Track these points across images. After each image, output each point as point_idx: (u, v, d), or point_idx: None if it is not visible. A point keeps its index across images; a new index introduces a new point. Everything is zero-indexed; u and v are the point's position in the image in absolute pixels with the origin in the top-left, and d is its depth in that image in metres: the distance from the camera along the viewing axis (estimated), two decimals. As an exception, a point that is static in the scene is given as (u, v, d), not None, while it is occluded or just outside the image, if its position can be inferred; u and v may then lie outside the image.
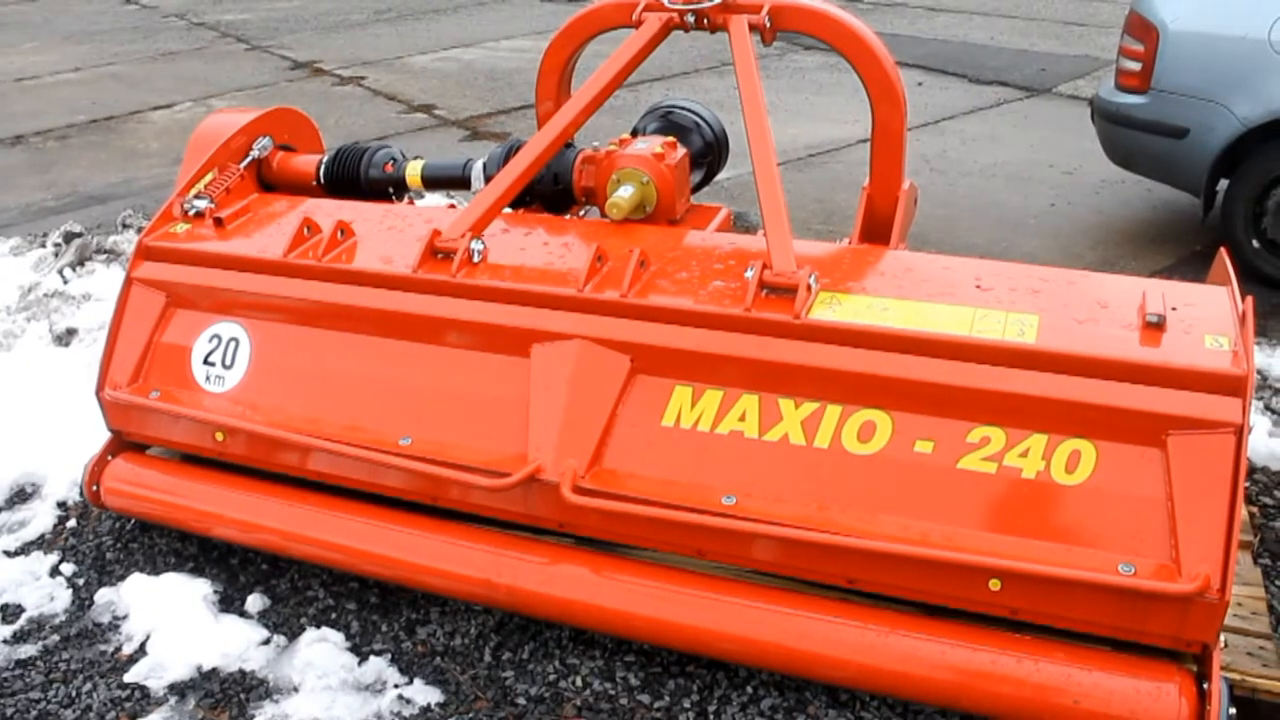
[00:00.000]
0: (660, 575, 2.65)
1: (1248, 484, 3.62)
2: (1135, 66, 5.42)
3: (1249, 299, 2.45)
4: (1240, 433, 2.25)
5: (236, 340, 3.05)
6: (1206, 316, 2.49)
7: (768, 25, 3.26)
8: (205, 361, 3.06)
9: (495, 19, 12.41)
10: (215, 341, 3.07)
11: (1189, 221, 5.91)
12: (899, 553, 2.36)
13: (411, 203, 3.72)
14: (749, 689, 2.76)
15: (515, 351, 2.79)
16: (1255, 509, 3.49)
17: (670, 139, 3.36)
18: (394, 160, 3.64)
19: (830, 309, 2.57)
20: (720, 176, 3.85)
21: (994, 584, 2.36)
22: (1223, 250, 2.81)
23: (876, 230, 3.44)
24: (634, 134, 3.57)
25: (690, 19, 3.29)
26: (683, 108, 3.67)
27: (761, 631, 2.52)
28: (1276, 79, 4.99)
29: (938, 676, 2.41)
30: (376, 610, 3.06)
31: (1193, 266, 5.41)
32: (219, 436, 3.00)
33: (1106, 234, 6.02)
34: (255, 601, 3.09)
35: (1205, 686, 2.30)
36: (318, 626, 3.01)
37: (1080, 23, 11.56)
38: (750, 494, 2.52)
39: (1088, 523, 2.34)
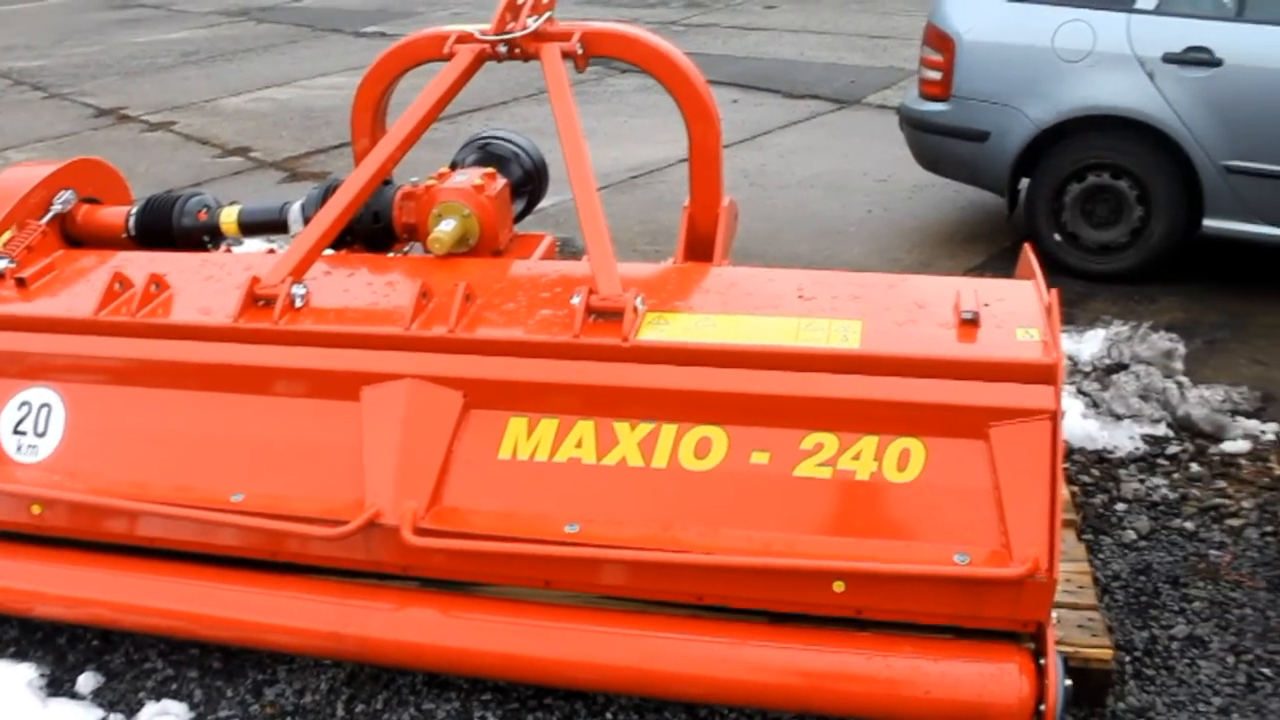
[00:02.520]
0: (509, 610, 2.62)
1: (1067, 465, 3.80)
2: (936, 76, 5.65)
3: (1054, 291, 2.57)
4: (1055, 418, 2.35)
5: (48, 406, 2.90)
6: (1016, 310, 2.59)
7: (580, 52, 3.28)
8: (15, 431, 2.90)
9: (309, 56, 12.19)
10: (25, 409, 2.92)
11: (997, 220, 6.18)
12: (743, 564, 2.39)
13: (229, 250, 3.61)
14: (608, 715, 2.75)
15: (345, 396, 2.72)
16: (1076, 488, 3.66)
17: (489, 170, 3.35)
18: (207, 207, 3.53)
19: (658, 329, 2.59)
20: (545, 203, 3.86)
21: (838, 586, 2.40)
22: (1027, 246, 2.93)
23: (700, 248, 3.49)
24: (453, 167, 3.55)
25: (503, 49, 3.28)
26: (500, 138, 3.66)
27: (614, 656, 2.52)
28: (1063, 83, 5.28)
29: (790, 682, 2.44)
30: (220, 675, 2.95)
31: (1004, 262, 5.65)
32: (36, 509, 2.84)
33: (922, 236, 6.24)
34: (87, 681, 2.94)
35: (1042, 663, 2.39)
36: (158, 699, 2.88)
37: (884, 35, 11.98)
38: (593, 520, 2.51)
39: (922, 517, 2.41)
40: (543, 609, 2.60)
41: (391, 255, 3.41)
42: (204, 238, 3.51)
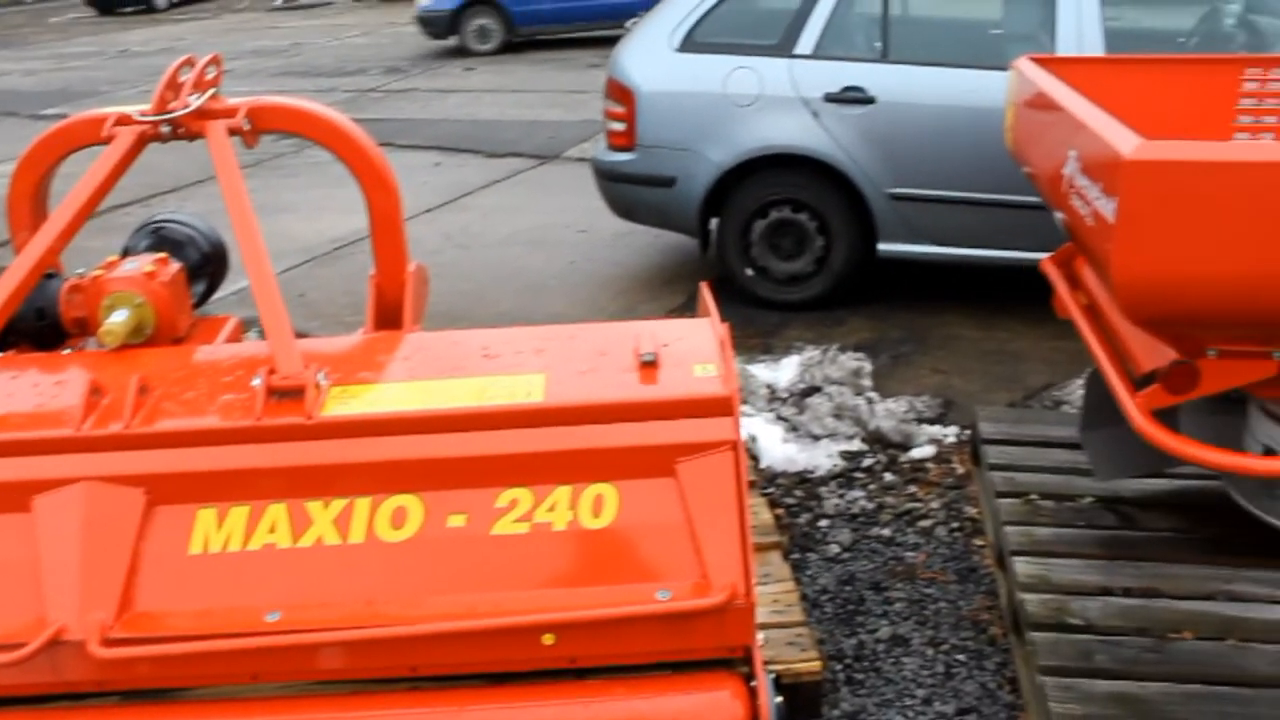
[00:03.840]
0: (217, 711, 2.49)
1: (771, 489, 3.97)
2: (620, 127, 5.85)
3: (725, 326, 2.68)
4: (736, 448, 2.44)
5: None
6: (694, 348, 2.69)
7: (247, 128, 3.20)
8: None
9: (-24, 145, 11.41)
10: None
11: (694, 260, 6.43)
12: (449, 630, 2.36)
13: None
14: (334, 804, 2.66)
15: (15, 509, 2.53)
16: (780, 510, 3.84)
17: (162, 255, 3.21)
18: None
19: (343, 403, 2.54)
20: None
21: (547, 638, 2.40)
22: (703, 285, 3.06)
23: (389, 316, 3.46)
24: (125, 254, 3.39)
25: (165, 129, 3.16)
26: (175, 221, 3.53)
27: (331, 741, 2.44)
28: (738, 127, 5.58)
29: (514, 742, 2.43)
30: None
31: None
32: None
33: (625, 283, 6.42)
34: None
35: (753, 684, 2.47)
36: None
37: (580, 90, 12.31)
38: (295, 605, 2.42)
39: (622, 560, 2.45)
40: (252, 704, 2.48)
41: (64, 353, 3.21)
42: None
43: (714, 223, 5.90)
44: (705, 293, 2.99)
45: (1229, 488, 3.24)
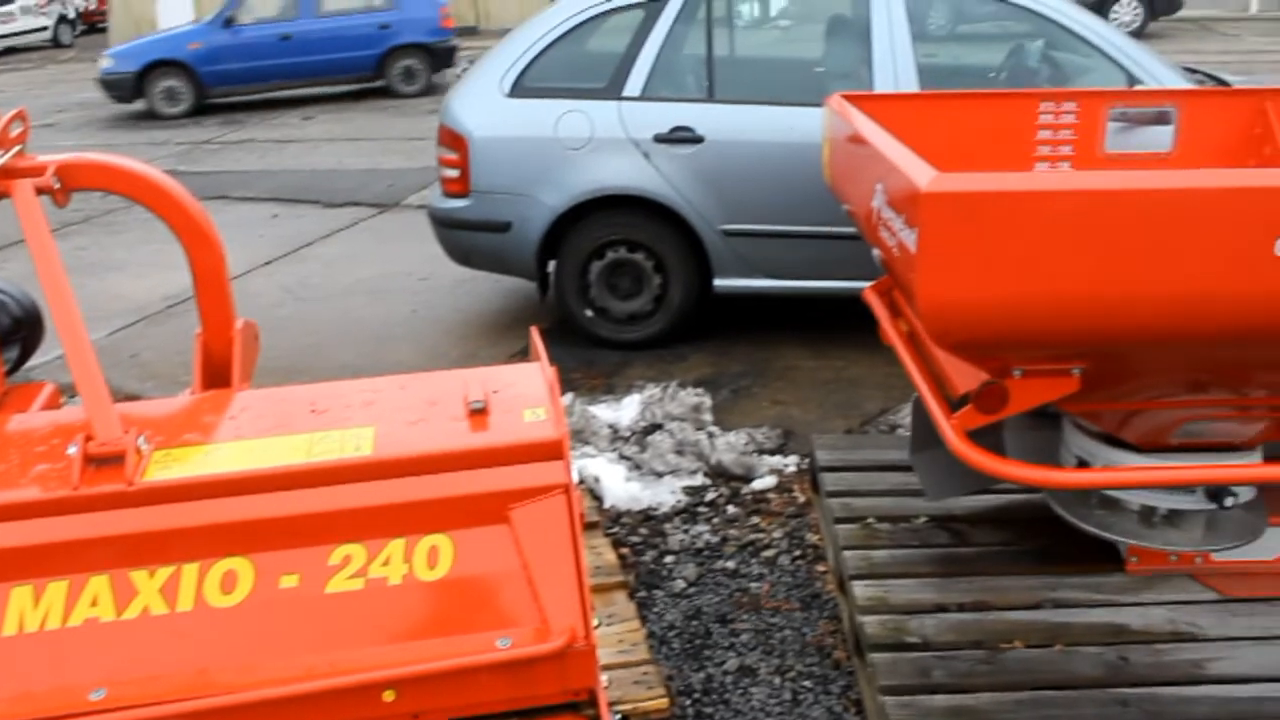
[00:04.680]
0: (41, 798, 2.38)
1: (615, 529, 4.00)
2: (454, 174, 5.85)
3: (553, 369, 2.71)
4: (569, 491, 2.46)
5: None
6: (524, 393, 2.71)
7: (56, 187, 3.10)
8: None
9: None
10: None
11: (535, 304, 6.45)
12: (287, 694, 2.31)
13: None
14: None
15: None
16: (625, 549, 3.86)
17: (-31, 323, 3.10)
18: None
19: (166, 468, 2.48)
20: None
21: (388, 695, 2.38)
22: (533, 330, 3.09)
23: (217, 375, 3.38)
24: (-71, 323, 3.25)
25: (-33, 191, 3.05)
26: (-17, 286, 3.40)
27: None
28: (571, 170, 5.64)
29: (358, 802, 2.39)
30: None
31: (545, 343, 5.87)
32: None
33: (466, 329, 6.40)
34: None
35: (600, 726, 2.48)
36: None
37: (420, 137, 12.25)
38: (121, 681, 2.34)
39: (461, 610, 2.44)
40: (80, 787, 2.39)
41: None
42: None
43: (552, 265, 5.93)
44: (535, 337, 3.01)
45: (1049, 500, 3.39)
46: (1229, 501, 3.06)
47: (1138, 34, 20.21)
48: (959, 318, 2.45)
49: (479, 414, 2.59)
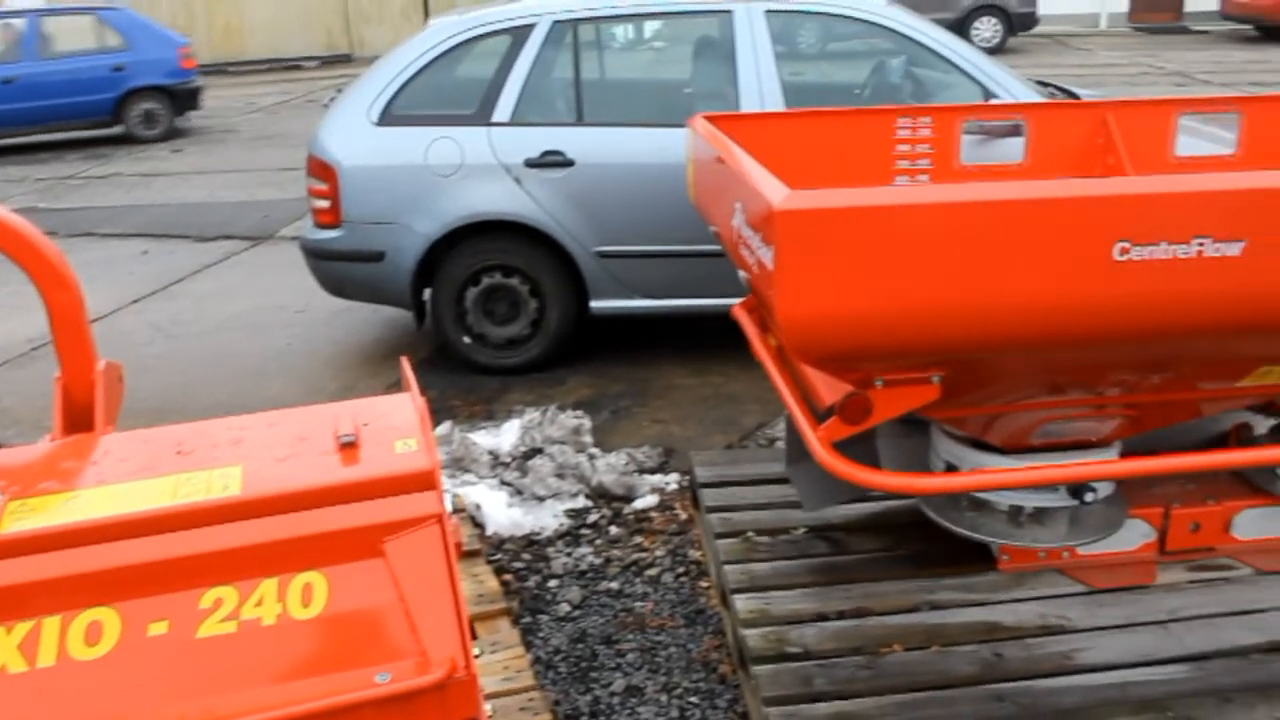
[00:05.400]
0: None
1: (498, 555, 3.99)
2: (325, 204, 5.78)
3: (424, 399, 2.70)
4: (442, 520, 2.45)
5: None
6: (395, 425, 2.69)
7: (-101, 234, 3.00)
8: None
9: None
10: None
11: (413, 333, 6.40)
12: (157, 744, 2.26)
13: None
14: None
15: None
16: (509, 575, 3.85)
17: None
18: None
19: (22, 518, 2.40)
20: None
21: (266, 737, 2.34)
22: (403, 360, 3.06)
23: (79, 419, 3.29)
24: None
25: None
26: None
27: None
28: (443, 197, 5.62)
29: None
30: None
31: (424, 372, 5.85)
32: None
33: (344, 361, 6.32)
34: None
35: (483, 756, 2.47)
36: None
37: (294, 167, 12.05)
38: (-20, 743, 2.27)
39: (338, 647, 2.41)
40: None
41: None
42: None
43: (428, 293, 5.90)
44: (405, 367, 2.99)
45: (922, 505, 3.48)
46: (1089, 497, 3.18)
47: (998, 49, 20.95)
48: (817, 333, 2.51)
49: (349, 447, 2.56)
